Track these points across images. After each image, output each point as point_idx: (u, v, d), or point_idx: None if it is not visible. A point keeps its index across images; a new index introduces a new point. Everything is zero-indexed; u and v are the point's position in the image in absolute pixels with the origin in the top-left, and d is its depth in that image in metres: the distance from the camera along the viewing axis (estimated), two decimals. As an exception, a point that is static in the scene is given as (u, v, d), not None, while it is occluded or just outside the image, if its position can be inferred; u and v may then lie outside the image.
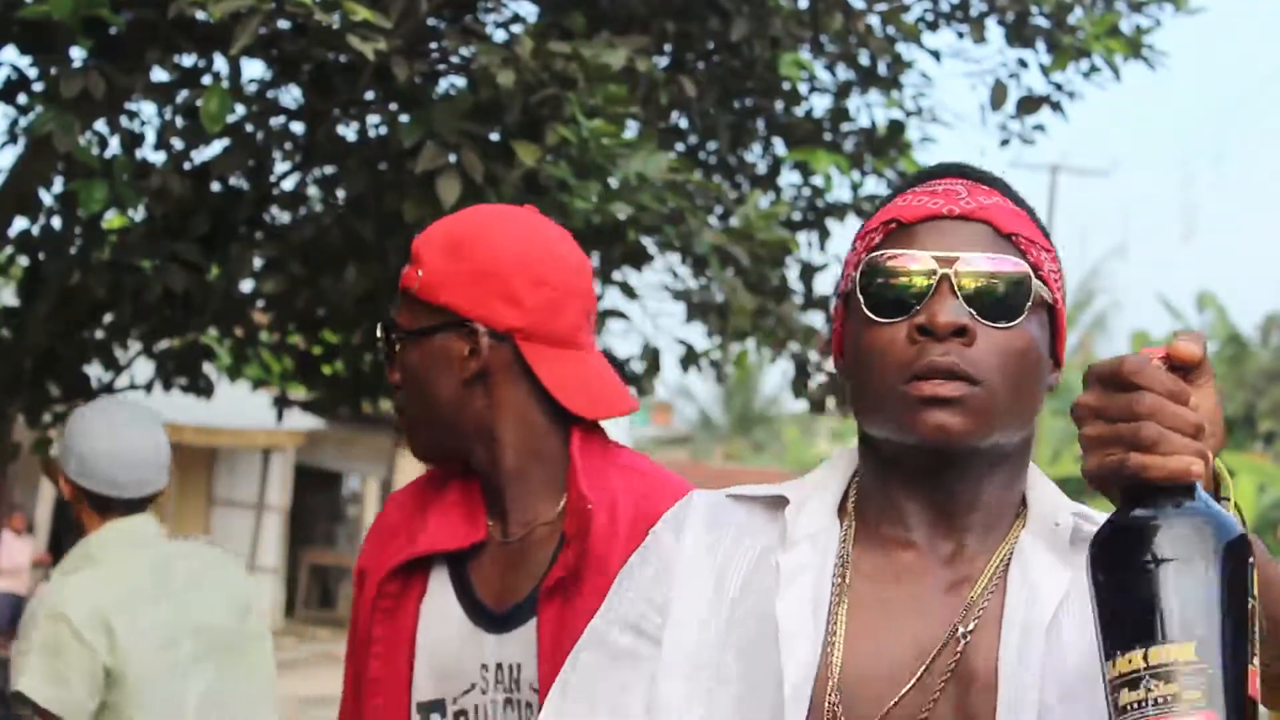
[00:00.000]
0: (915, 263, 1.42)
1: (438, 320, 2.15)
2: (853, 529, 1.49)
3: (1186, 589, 1.16)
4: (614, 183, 4.41)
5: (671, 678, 1.46)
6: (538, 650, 2.04)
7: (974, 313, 1.42)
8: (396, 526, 2.19)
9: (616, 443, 2.22)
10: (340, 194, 5.35)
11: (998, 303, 1.43)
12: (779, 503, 1.52)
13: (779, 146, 6.15)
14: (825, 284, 6.22)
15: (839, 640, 1.43)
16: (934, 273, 1.42)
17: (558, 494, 2.12)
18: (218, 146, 5.05)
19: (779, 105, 5.91)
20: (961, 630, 1.42)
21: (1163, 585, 1.16)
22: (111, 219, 5.49)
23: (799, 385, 6.10)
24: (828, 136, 6.05)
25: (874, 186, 6.10)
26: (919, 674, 1.41)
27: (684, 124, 5.87)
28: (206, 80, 4.88)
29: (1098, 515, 1.43)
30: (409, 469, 25.20)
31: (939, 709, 1.40)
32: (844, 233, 6.25)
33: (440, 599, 2.12)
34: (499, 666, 2.08)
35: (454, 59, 4.74)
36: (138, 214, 5.20)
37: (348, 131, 5.25)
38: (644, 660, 1.48)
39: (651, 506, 2.02)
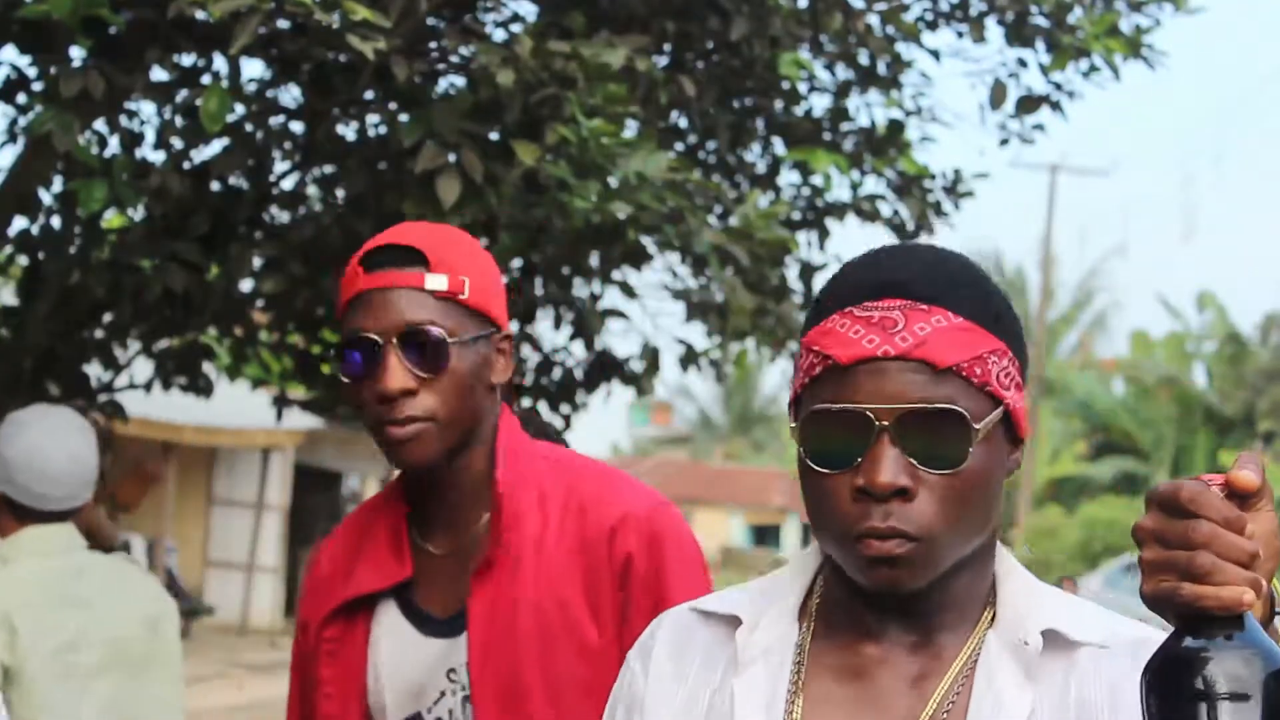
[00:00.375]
0: (851, 417, 1.41)
1: (485, 330, 2.22)
2: (811, 630, 1.50)
3: None
4: (613, 182, 4.41)
5: None
6: (468, 634, 2.12)
7: (914, 462, 1.40)
8: (331, 575, 2.28)
9: (536, 440, 2.31)
10: (340, 193, 5.35)
11: (938, 451, 1.41)
12: (735, 622, 1.52)
13: (778, 146, 6.16)
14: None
15: None
16: (871, 426, 1.40)
17: (489, 495, 2.21)
18: (217, 146, 5.05)
19: (778, 105, 5.92)
20: None
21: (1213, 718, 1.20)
22: (111, 218, 5.49)
23: (798, 385, 6.10)
24: (827, 136, 6.05)
25: (873, 186, 6.11)
26: None
27: (683, 123, 5.87)
28: (206, 80, 4.88)
29: (1075, 621, 1.45)
30: (408, 468, 25.20)
31: None
32: (843, 232, 6.28)
33: (391, 625, 2.21)
34: (454, 670, 2.17)
35: (453, 58, 4.74)
36: (137, 213, 5.19)
37: (347, 131, 5.25)
38: None
39: (580, 495, 2.15)
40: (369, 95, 4.92)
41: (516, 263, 5.87)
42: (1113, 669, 1.42)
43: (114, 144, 4.95)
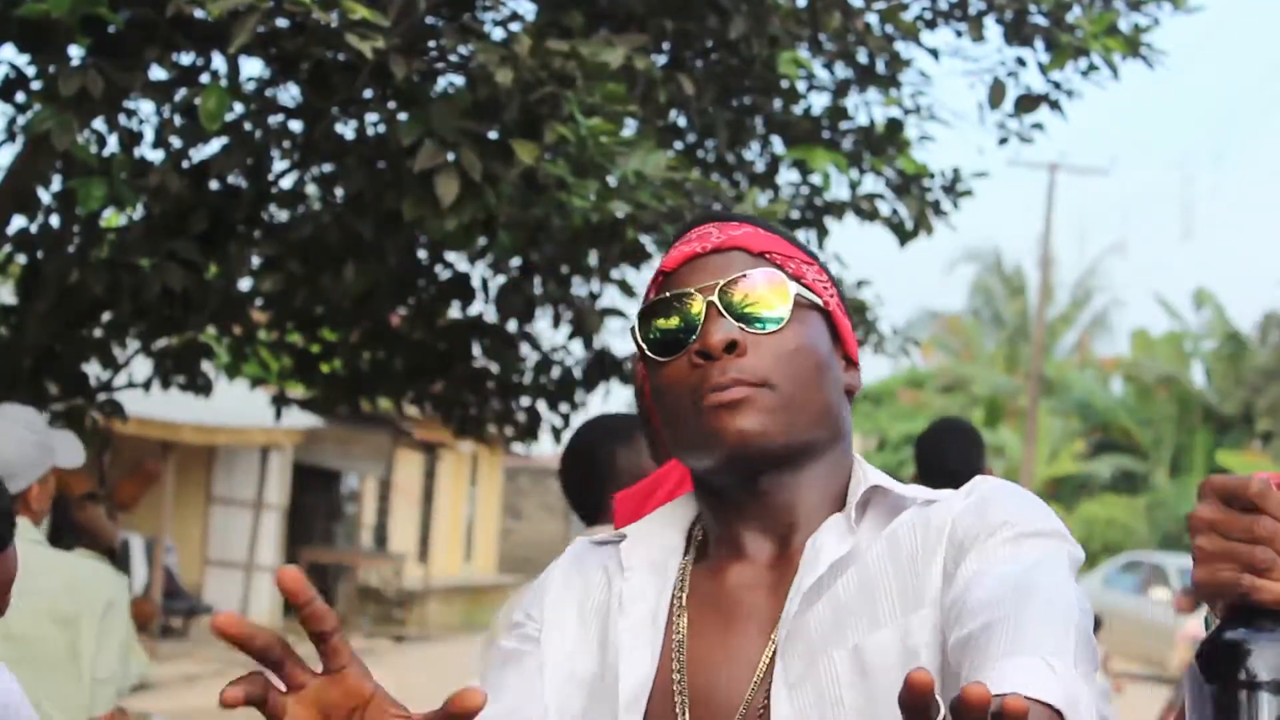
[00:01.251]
0: (679, 299, 1.55)
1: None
2: (691, 558, 1.61)
3: (1276, 712, 1.25)
4: (612, 181, 4.41)
5: (548, 677, 1.60)
6: None
7: (742, 326, 1.53)
8: None
9: None
10: (339, 192, 5.36)
11: (760, 311, 1.54)
12: (612, 543, 1.64)
13: (777, 145, 6.16)
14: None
15: (683, 659, 1.53)
16: (697, 301, 1.54)
17: None
18: (216, 145, 5.05)
19: (777, 103, 5.92)
20: (774, 639, 1.50)
21: (1255, 707, 1.25)
22: (110, 217, 5.49)
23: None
24: (826, 134, 6.05)
25: (872, 184, 6.11)
26: (757, 676, 1.50)
27: (682, 122, 5.87)
28: (205, 78, 4.88)
29: (910, 488, 1.56)
30: (407, 467, 25.20)
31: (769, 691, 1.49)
32: (842, 231, 6.27)
33: None
34: None
35: (452, 57, 4.74)
36: (136, 212, 5.20)
37: (346, 130, 5.25)
38: (528, 655, 1.61)
39: None
40: (367, 94, 4.92)
41: (515, 261, 5.88)
42: (931, 512, 1.51)
43: (113, 143, 4.94)
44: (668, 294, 1.56)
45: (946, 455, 4.32)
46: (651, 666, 1.53)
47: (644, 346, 1.57)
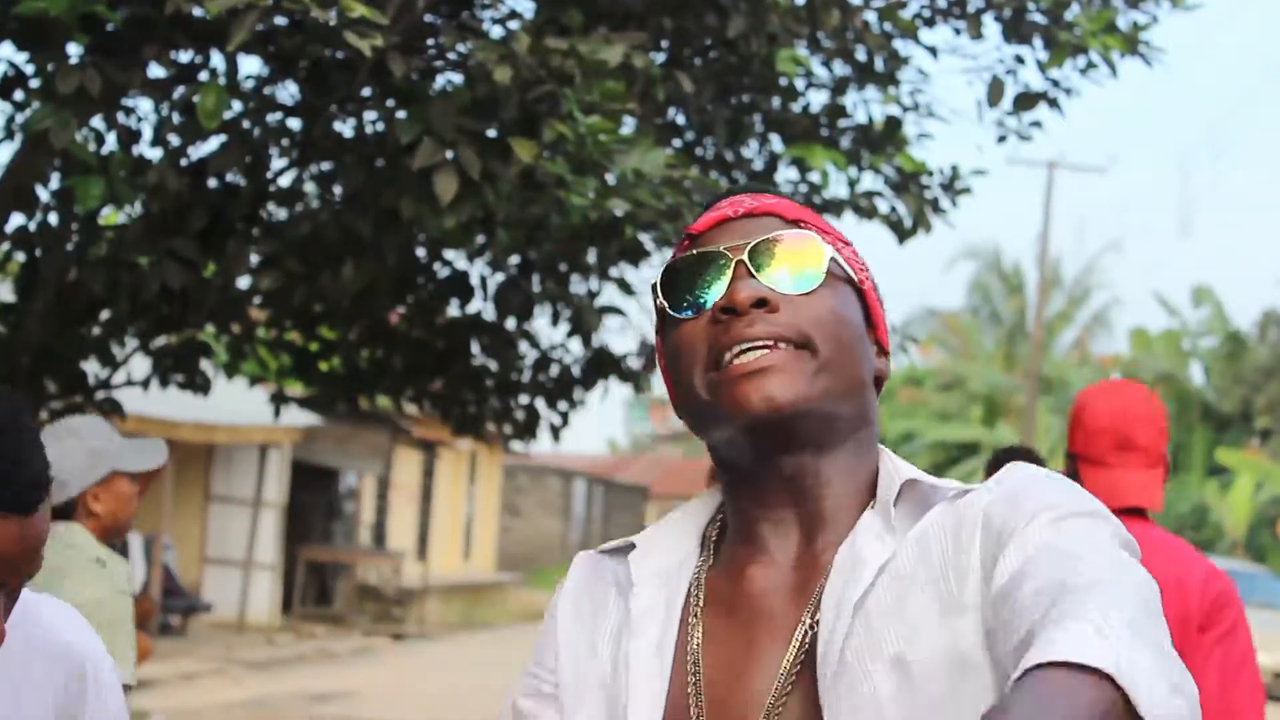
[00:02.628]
0: (708, 257, 1.43)
1: None
2: (709, 560, 1.49)
3: None
4: (611, 179, 4.41)
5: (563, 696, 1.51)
6: None
7: (773, 287, 1.40)
8: None
9: None
10: (337, 190, 5.35)
11: (794, 272, 1.41)
12: (621, 552, 1.53)
13: (776, 142, 6.16)
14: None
15: (699, 672, 1.43)
16: (726, 260, 1.42)
17: None
18: (214, 143, 5.05)
19: (776, 101, 5.92)
20: (809, 621, 1.40)
21: None
22: (108, 215, 5.49)
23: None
24: (825, 132, 6.05)
25: (871, 182, 6.11)
26: (777, 684, 1.40)
27: (681, 120, 5.87)
28: (203, 77, 4.88)
29: (941, 481, 1.42)
30: (406, 465, 25.21)
31: (795, 705, 1.38)
32: (841, 228, 6.27)
33: None
34: None
35: (451, 55, 4.74)
36: (134, 210, 5.19)
37: (344, 128, 5.25)
38: (546, 716, 1.51)
39: None
40: (366, 92, 4.92)
41: (514, 259, 5.88)
42: (962, 506, 1.38)
43: (111, 141, 4.94)
44: (694, 251, 1.44)
45: None
46: (663, 689, 1.42)
47: (665, 303, 1.44)
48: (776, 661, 1.40)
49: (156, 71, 4.81)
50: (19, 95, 4.95)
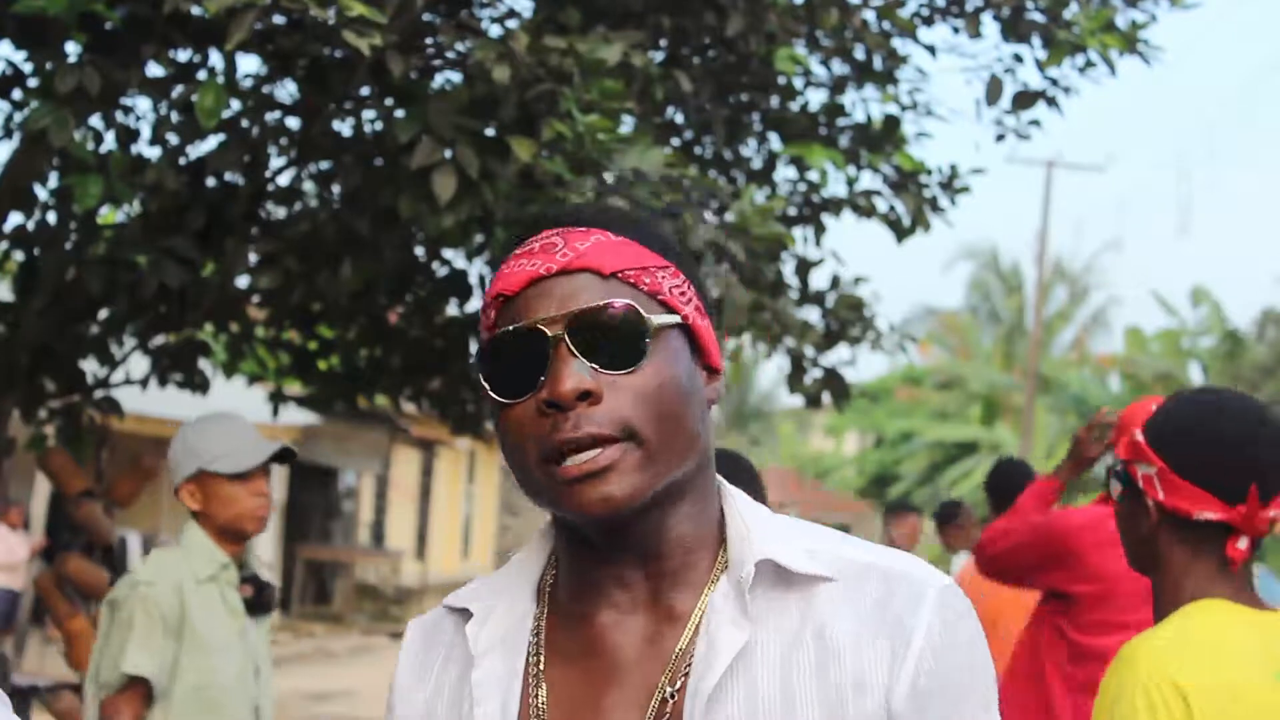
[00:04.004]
0: (524, 335, 1.37)
1: None
2: (545, 614, 1.45)
3: None
4: (609, 178, 4.41)
5: None
6: None
7: (595, 367, 1.35)
8: None
9: None
10: (335, 189, 5.35)
11: (616, 349, 1.36)
12: (468, 615, 1.48)
13: (774, 141, 6.16)
14: (821, 279, 6.20)
15: None
16: (545, 340, 1.36)
17: None
18: (213, 142, 5.05)
19: (774, 100, 5.91)
20: (669, 692, 1.38)
21: None
22: (107, 214, 5.49)
23: (794, 380, 6.11)
24: (823, 131, 6.05)
25: (869, 181, 6.11)
26: None
27: (679, 119, 5.87)
28: (202, 75, 4.88)
29: (794, 552, 1.39)
30: (405, 464, 25.20)
31: None
32: (839, 227, 6.28)
33: None
34: None
35: (449, 54, 4.74)
36: (133, 209, 5.19)
37: (343, 127, 5.25)
38: None
39: None
40: (365, 91, 4.92)
41: (512, 258, 5.87)
42: (851, 603, 1.37)
43: (110, 139, 4.94)
44: (510, 328, 1.38)
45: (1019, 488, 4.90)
46: None
47: (486, 386, 1.38)
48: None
49: (155, 70, 4.81)
50: (17, 94, 4.95)
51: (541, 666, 1.42)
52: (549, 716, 1.40)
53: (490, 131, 4.42)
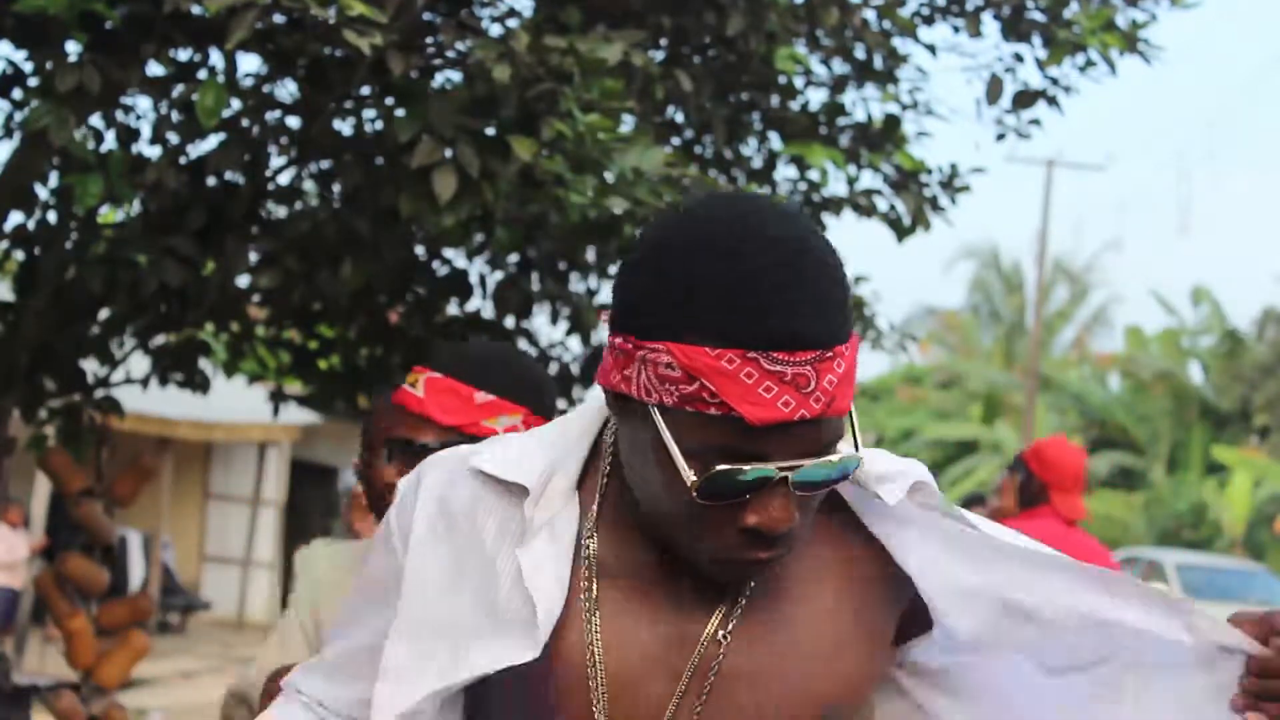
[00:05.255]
0: (757, 474, 1.32)
1: None
2: (598, 511, 1.45)
3: None
4: (610, 177, 4.41)
5: (398, 641, 1.44)
6: None
7: (802, 496, 1.36)
8: None
9: None
10: (336, 188, 5.35)
11: (825, 481, 1.37)
12: (517, 490, 1.45)
13: (775, 141, 6.16)
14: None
15: (595, 637, 1.41)
16: (772, 480, 1.33)
17: None
18: (213, 141, 5.04)
19: (775, 99, 5.91)
20: (722, 633, 1.41)
21: None
22: (107, 213, 5.48)
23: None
24: (823, 130, 6.05)
25: (870, 180, 6.11)
26: (685, 677, 1.40)
27: (680, 118, 5.87)
28: (202, 75, 4.88)
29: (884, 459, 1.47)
30: (405, 463, 25.18)
31: (704, 708, 1.40)
32: (840, 226, 6.28)
33: None
34: None
35: (450, 53, 4.74)
36: (133, 208, 5.19)
37: (343, 126, 5.25)
38: (386, 611, 1.47)
39: None
40: (365, 90, 4.92)
41: (513, 257, 5.88)
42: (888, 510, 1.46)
43: (110, 139, 4.94)
44: (746, 468, 1.31)
45: None
46: (559, 604, 1.39)
47: (696, 494, 1.32)
48: (679, 651, 1.41)
49: (155, 69, 4.81)
50: (17, 93, 4.95)
51: (595, 570, 1.42)
52: (601, 628, 1.40)
53: (490, 131, 4.42)
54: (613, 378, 1.38)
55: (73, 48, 4.46)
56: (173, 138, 4.91)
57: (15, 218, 5.20)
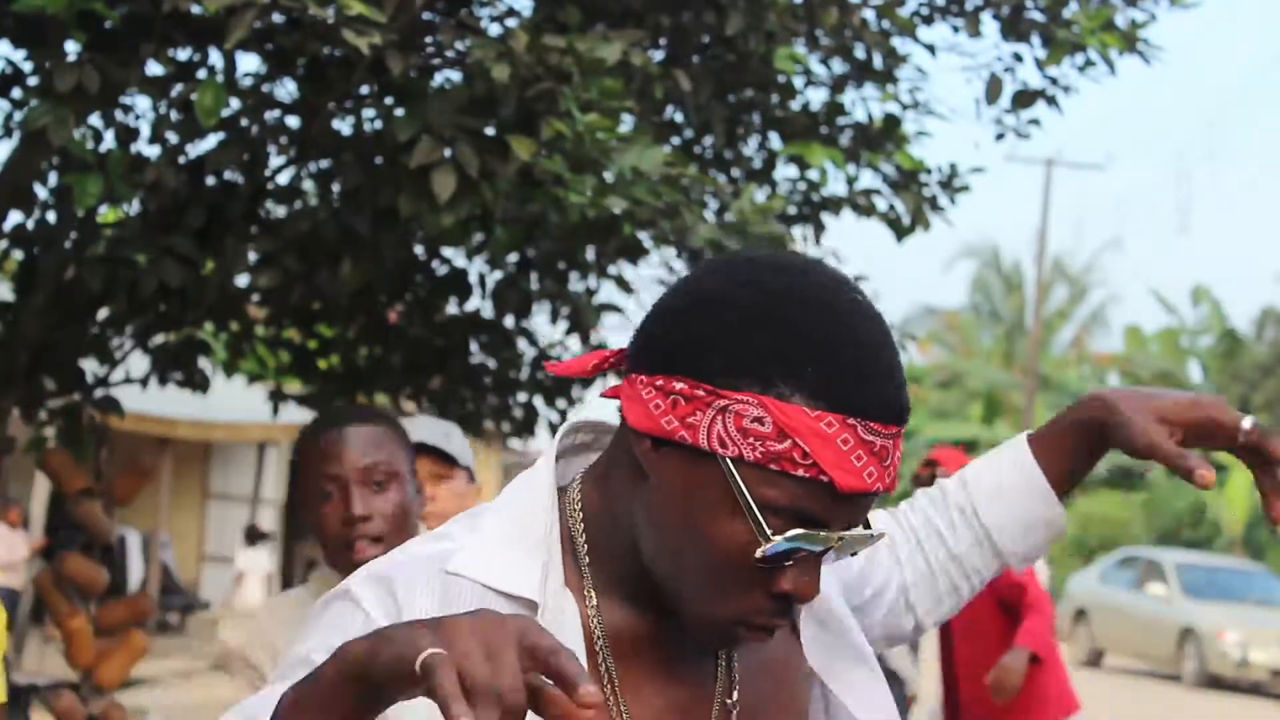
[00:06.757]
0: (826, 541, 1.30)
1: None
2: (593, 593, 1.37)
3: None
4: (609, 177, 4.41)
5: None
6: None
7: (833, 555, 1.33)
8: None
9: None
10: (335, 188, 5.35)
11: (854, 549, 1.35)
12: (523, 601, 1.33)
13: (774, 140, 6.16)
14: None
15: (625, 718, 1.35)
16: (829, 548, 1.31)
17: None
18: (212, 140, 5.04)
19: (774, 99, 5.91)
20: (729, 700, 1.39)
21: None
22: (106, 213, 5.48)
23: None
24: (823, 130, 6.05)
25: (869, 180, 6.11)
26: None
27: (679, 118, 5.87)
28: (201, 74, 4.88)
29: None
30: (404, 463, 25.19)
31: None
32: (839, 226, 6.29)
33: None
34: None
35: (449, 53, 4.74)
36: (132, 208, 5.19)
37: (342, 125, 5.25)
38: None
39: None
40: (364, 90, 4.92)
41: (512, 257, 5.88)
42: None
43: (109, 138, 4.94)
44: (820, 534, 1.28)
45: None
46: None
47: (763, 545, 1.27)
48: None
49: (154, 69, 4.80)
50: (16, 93, 4.95)
51: (609, 662, 1.36)
52: (628, 711, 1.36)
53: (490, 130, 4.42)
54: (664, 423, 1.29)
55: (72, 47, 4.46)
56: (172, 137, 4.90)
57: (14, 217, 5.20)
